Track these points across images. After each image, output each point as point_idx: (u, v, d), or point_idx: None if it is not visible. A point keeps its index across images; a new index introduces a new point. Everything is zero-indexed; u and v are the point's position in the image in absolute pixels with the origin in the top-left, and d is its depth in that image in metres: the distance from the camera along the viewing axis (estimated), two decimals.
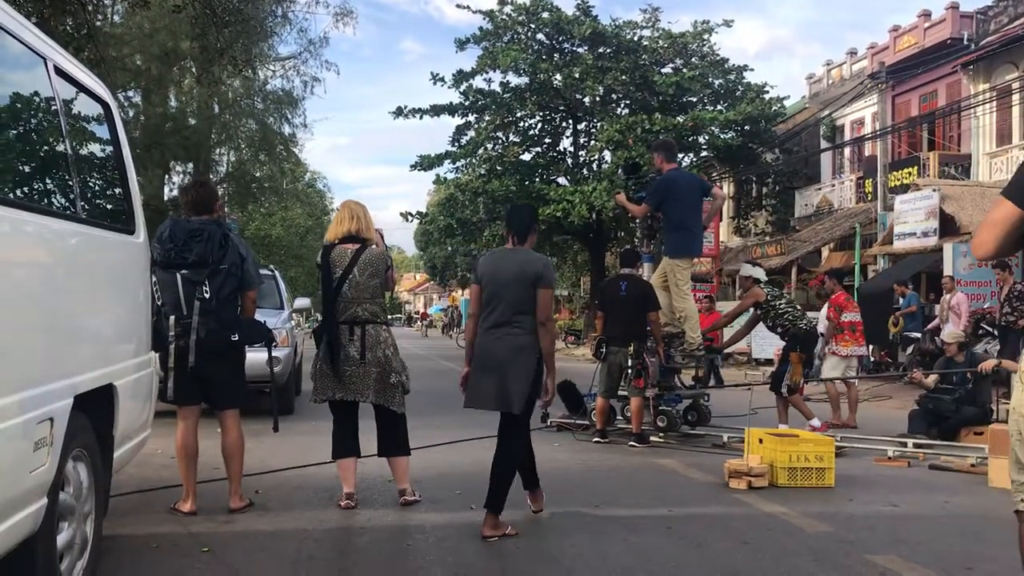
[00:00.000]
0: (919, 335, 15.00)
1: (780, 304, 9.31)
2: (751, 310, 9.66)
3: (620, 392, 8.64)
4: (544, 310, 4.91)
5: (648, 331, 8.29)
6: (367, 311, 5.35)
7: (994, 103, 21.44)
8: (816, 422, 8.96)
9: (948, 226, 17.75)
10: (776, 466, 6.39)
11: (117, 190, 4.18)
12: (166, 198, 22.92)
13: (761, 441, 6.71)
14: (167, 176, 23.23)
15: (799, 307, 9.91)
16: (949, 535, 5.17)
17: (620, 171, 25.18)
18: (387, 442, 5.51)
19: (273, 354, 9.33)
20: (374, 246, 5.46)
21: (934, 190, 18.34)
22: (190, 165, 24.67)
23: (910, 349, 15.70)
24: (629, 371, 8.26)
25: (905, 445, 8.18)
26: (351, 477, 5.43)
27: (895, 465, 7.61)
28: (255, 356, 9.25)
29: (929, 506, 5.98)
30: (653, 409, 8.56)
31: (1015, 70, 21.06)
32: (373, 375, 5.32)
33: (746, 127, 27.52)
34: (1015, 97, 21.01)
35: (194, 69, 21.90)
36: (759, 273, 9.74)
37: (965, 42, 23.03)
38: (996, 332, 13.84)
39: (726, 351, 12.53)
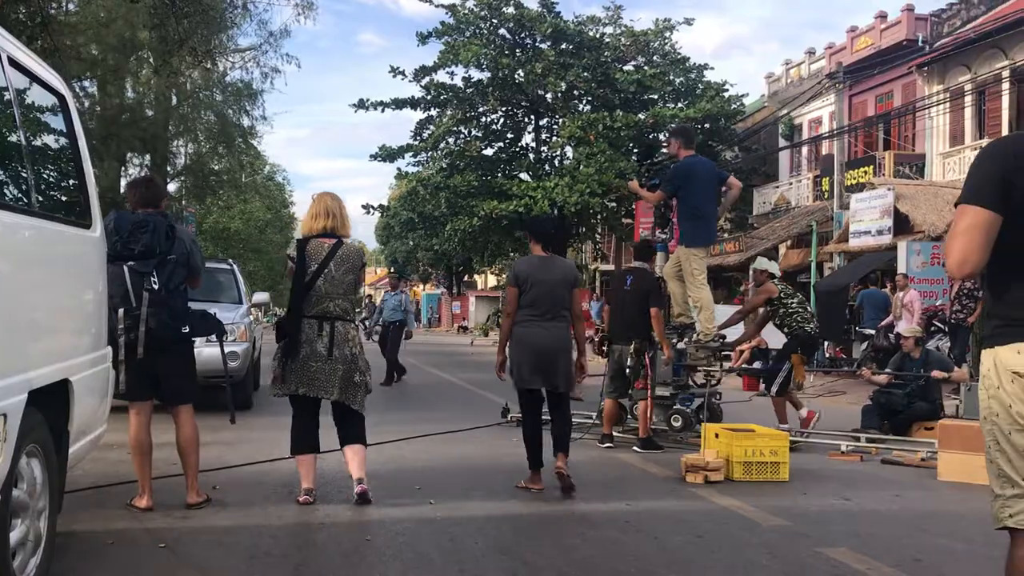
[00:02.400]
0: (873, 331, 15.26)
1: (792, 303, 8.98)
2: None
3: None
4: (579, 306, 6.30)
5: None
6: (339, 307, 5.29)
7: (947, 104, 21.87)
8: (804, 412, 8.90)
9: (902, 225, 18.07)
10: (732, 461, 6.48)
11: (72, 183, 4.13)
12: (122, 190, 22.57)
13: (717, 436, 6.81)
14: (123, 168, 22.83)
15: (809, 309, 9.63)
16: (899, 528, 5.28)
17: (634, 157, 25.34)
18: (347, 432, 5.41)
19: (231, 348, 9.41)
20: (350, 242, 5.41)
21: (889, 189, 18.64)
22: (147, 157, 24.31)
23: (864, 345, 15.97)
24: (628, 371, 7.95)
25: (858, 440, 8.34)
26: (310, 473, 5.34)
27: (848, 459, 7.76)
28: (211, 351, 9.23)
29: (880, 500, 6.10)
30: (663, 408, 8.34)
31: (968, 72, 21.47)
32: (339, 372, 5.25)
33: (706, 125, 27.77)
34: (967, 99, 21.44)
35: (152, 60, 21.57)
36: (774, 267, 9.49)
37: (920, 44, 23.46)
38: (947, 329, 14.16)
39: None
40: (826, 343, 17.88)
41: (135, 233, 4.91)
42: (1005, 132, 19.17)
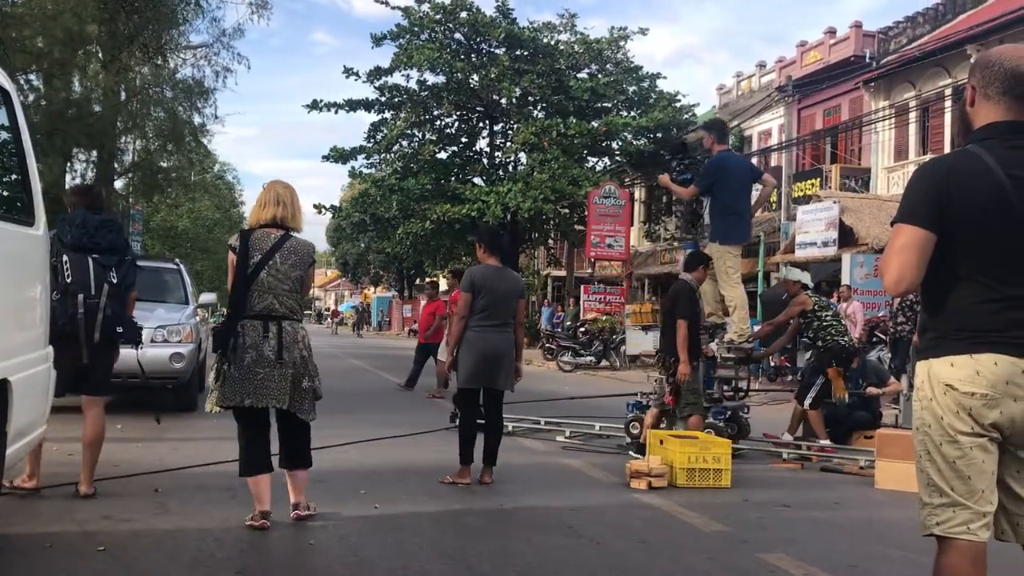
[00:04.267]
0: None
1: (826, 316, 8.78)
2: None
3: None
4: (523, 315, 6.83)
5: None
6: (285, 305, 4.81)
7: (893, 120, 22.39)
8: (825, 442, 8.56)
9: (847, 237, 18.46)
10: (675, 467, 6.57)
11: (15, 179, 4.06)
12: (67, 186, 22.13)
13: (662, 443, 6.89)
14: (69, 164, 22.38)
15: (843, 322, 9.47)
16: (836, 534, 5.41)
17: (667, 152, 25.45)
18: (292, 452, 4.97)
19: (176, 350, 9.30)
20: (300, 235, 5.02)
21: (835, 202, 19.03)
22: (94, 153, 23.86)
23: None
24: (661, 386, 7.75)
25: (800, 448, 8.49)
26: (267, 494, 4.78)
27: (790, 467, 7.90)
28: (156, 351, 9.11)
29: (819, 506, 6.24)
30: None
31: (912, 89, 22.01)
32: (288, 377, 4.78)
33: (658, 134, 28.07)
34: (912, 115, 21.97)
35: (100, 54, 21.22)
36: (807, 278, 9.33)
37: (867, 60, 23.99)
38: (888, 340, 14.48)
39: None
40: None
41: (100, 230, 5.30)
42: (947, 149, 19.68)
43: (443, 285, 20.15)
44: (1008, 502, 2.67)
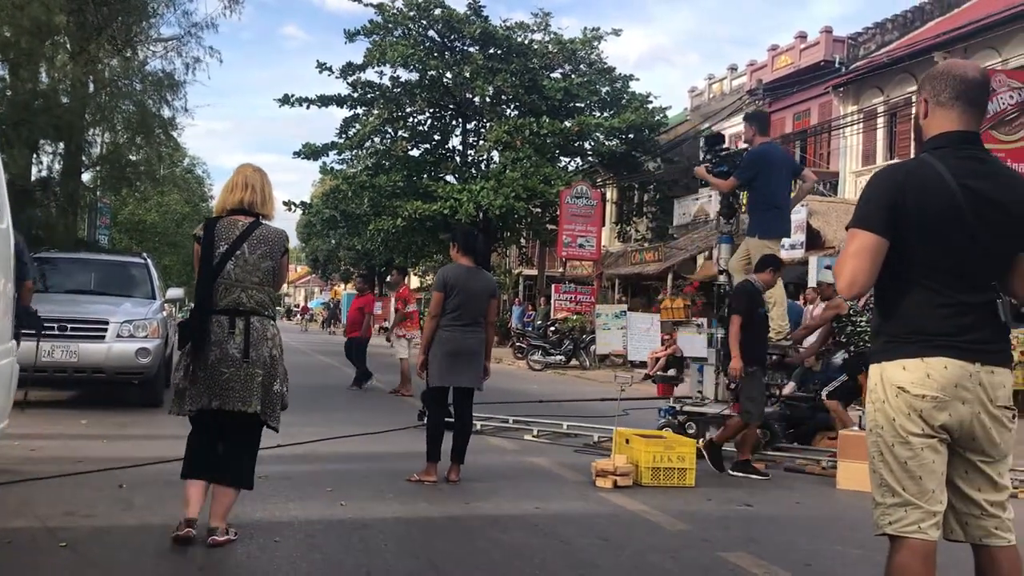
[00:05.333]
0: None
1: (860, 321, 8.56)
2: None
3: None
4: (494, 314, 6.78)
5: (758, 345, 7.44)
6: (253, 299, 4.42)
7: (861, 125, 22.67)
8: (855, 428, 8.19)
9: (814, 240, 18.68)
10: (641, 466, 6.63)
11: None
12: (33, 178, 21.87)
13: (628, 442, 6.96)
14: (35, 156, 22.09)
15: None
16: (796, 533, 5.49)
17: (702, 142, 25.49)
18: (230, 466, 4.47)
19: (142, 345, 9.24)
20: (271, 223, 4.61)
21: (803, 205, 19.20)
22: (60, 145, 23.55)
23: (774, 356, 16.39)
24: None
25: (764, 448, 8.58)
26: (199, 501, 4.40)
27: (755, 467, 7.97)
28: (122, 346, 9.05)
29: (781, 506, 6.33)
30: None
31: (880, 94, 22.31)
32: (258, 379, 4.38)
33: (630, 135, 28.24)
34: (880, 120, 22.26)
35: (68, 45, 20.94)
36: None
37: (837, 65, 24.28)
38: None
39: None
40: None
41: None
42: (913, 154, 20.00)
43: (416, 282, 20.15)
44: (957, 502, 2.75)
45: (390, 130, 29.27)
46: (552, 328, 23.32)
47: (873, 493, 2.79)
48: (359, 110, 28.96)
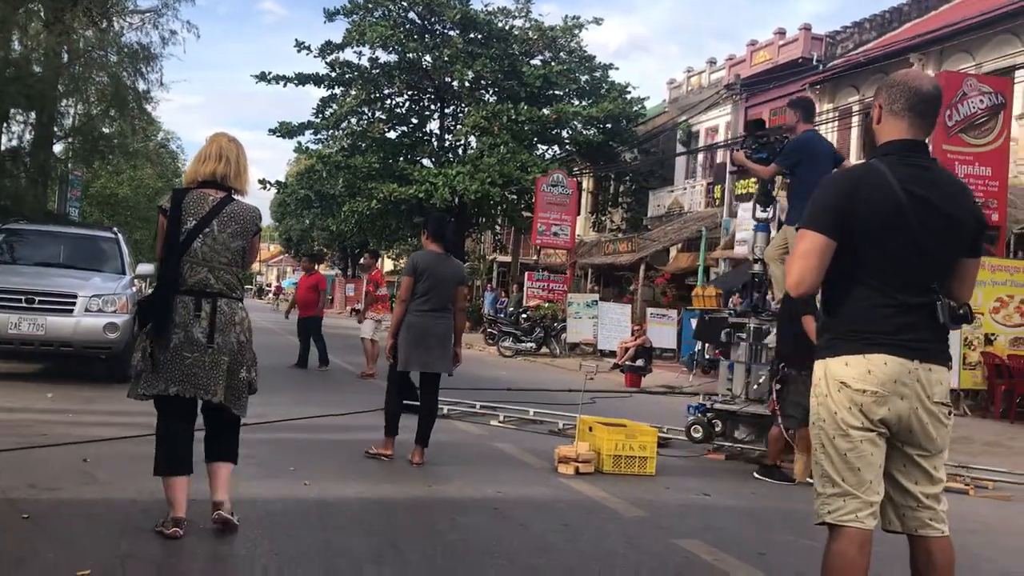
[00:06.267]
0: None
1: None
2: None
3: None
4: (463, 300, 6.91)
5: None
6: (221, 280, 4.20)
7: (836, 122, 22.88)
8: None
9: None
10: (602, 454, 6.74)
11: None
12: (2, 147, 21.61)
13: (591, 429, 7.06)
14: (5, 125, 21.82)
15: None
16: (751, 523, 5.63)
17: (743, 128, 25.43)
18: (217, 446, 4.35)
19: (111, 320, 9.22)
20: (243, 199, 4.36)
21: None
22: (32, 115, 23.28)
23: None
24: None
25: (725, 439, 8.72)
26: (183, 499, 4.17)
27: (715, 458, 8.12)
28: (91, 320, 9.04)
29: (737, 497, 6.46)
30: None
31: (856, 93, 22.53)
32: (223, 365, 4.18)
33: (608, 125, 28.35)
34: (855, 119, 22.49)
35: (43, 14, 20.69)
36: None
37: (815, 62, 24.45)
38: None
39: None
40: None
41: None
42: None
43: (389, 265, 20.13)
44: (895, 494, 2.87)
45: (367, 111, 29.21)
46: (524, 315, 23.44)
47: (815, 484, 2.91)
48: (336, 90, 28.86)
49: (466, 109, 28.48)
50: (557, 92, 28.33)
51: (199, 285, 4.15)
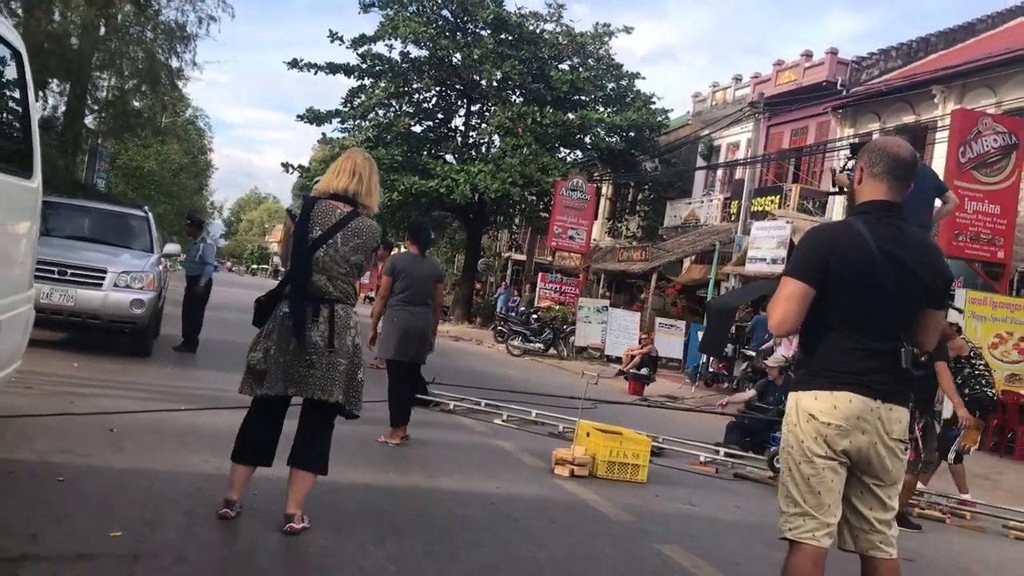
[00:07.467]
0: (753, 353, 16.19)
1: (979, 364, 8.41)
2: None
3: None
4: (439, 297, 7.78)
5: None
6: (339, 289, 4.34)
7: None
8: (967, 497, 8.23)
9: None
10: (598, 459, 7.08)
11: (19, 135, 4.40)
12: (41, 115, 22.07)
13: (589, 435, 7.40)
14: (41, 95, 22.31)
15: (991, 372, 8.91)
16: (730, 534, 5.95)
17: (847, 150, 25.53)
18: (306, 451, 4.46)
19: (137, 296, 9.60)
20: (368, 217, 4.51)
21: (788, 222, 19.65)
22: (67, 86, 23.78)
23: (744, 365, 16.93)
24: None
25: (718, 453, 9.05)
26: (243, 485, 4.44)
27: (705, 470, 8.44)
28: (118, 295, 9.42)
29: (722, 508, 6.79)
30: None
31: (877, 120, 22.73)
32: (341, 368, 4.34)
33: (631, 133, 28.61)
34: None
35: None
36: (960, 319, 8.74)
37: (839, 87, 24.67)
38: None
39: None
40: (709, 359, 18.87)
41: None
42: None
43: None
44: (852, 517, 3.21)
45: (395, 104, 29.57)
46: (535, 315, 23.77)
47: (780, 502, 3.25)
48: (366, 81, 29.22)
49: (492, 108, 28.80)
50: (583, 98, 28.63)
51: (318, 292, 4.30)
